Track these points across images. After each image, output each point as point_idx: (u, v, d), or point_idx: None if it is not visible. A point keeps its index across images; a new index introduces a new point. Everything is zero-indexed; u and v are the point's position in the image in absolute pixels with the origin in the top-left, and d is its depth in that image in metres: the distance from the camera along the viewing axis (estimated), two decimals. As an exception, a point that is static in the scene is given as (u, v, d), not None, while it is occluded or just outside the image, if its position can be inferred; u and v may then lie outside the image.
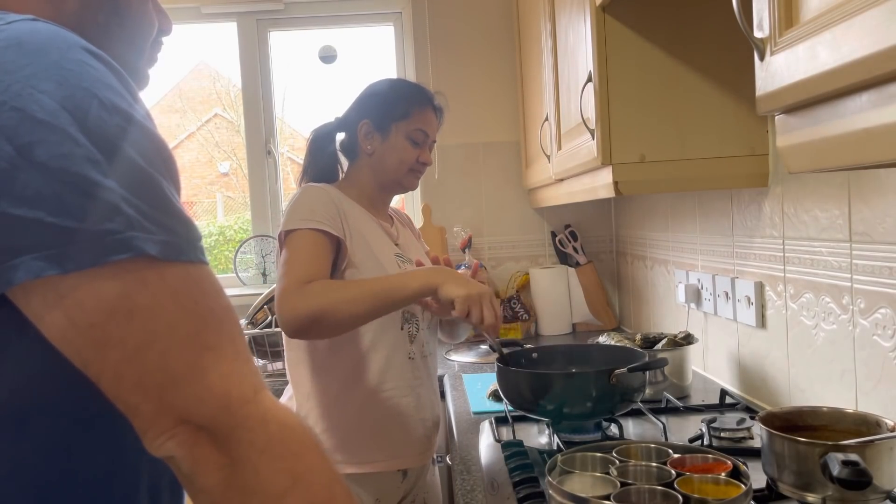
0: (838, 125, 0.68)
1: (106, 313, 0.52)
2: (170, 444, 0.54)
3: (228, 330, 0.57)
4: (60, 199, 0.50)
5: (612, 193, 1.50)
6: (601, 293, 2.66)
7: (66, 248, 0.50)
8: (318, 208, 1.40)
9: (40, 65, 0.52)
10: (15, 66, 0.52)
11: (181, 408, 0.54)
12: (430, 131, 1.55)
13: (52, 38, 0.55)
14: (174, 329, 0.53)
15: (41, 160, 0.50)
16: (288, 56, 2.89)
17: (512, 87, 2.67)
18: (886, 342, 1.13)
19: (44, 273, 0.50)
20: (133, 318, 0.52)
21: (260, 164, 2.83)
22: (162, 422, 0.54)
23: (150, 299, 0.53)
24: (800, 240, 1.37)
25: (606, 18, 1.48)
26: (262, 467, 0.55)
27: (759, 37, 0.78)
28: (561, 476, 0.98)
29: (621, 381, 1.27)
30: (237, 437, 0.54)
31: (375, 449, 1.44)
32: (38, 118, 0.51)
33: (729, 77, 1.48)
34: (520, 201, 2.74)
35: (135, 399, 0.54)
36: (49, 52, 0.53)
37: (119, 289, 0.52)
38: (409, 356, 1.48)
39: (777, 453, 0.97)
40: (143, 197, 0.53)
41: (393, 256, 1.49)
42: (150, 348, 0.53)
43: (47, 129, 0.51)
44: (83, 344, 0.52)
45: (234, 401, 0.55)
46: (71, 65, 0.53)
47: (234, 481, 0.54)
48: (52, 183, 0.50)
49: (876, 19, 0.59)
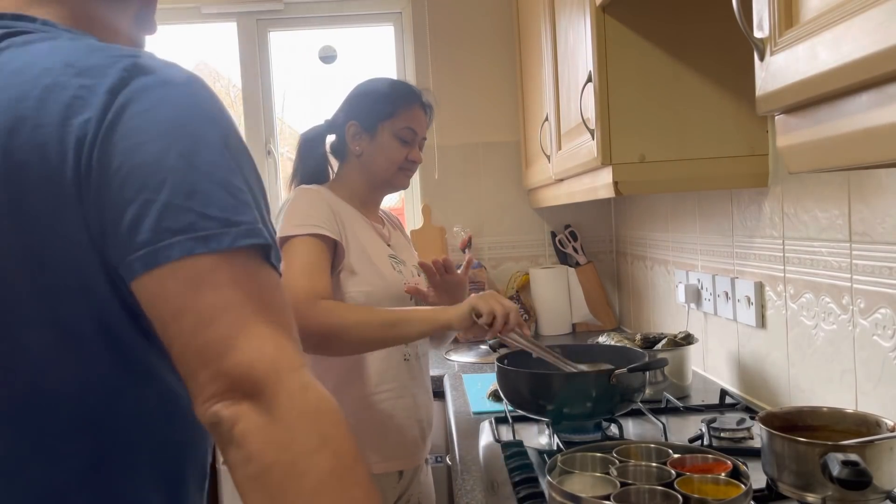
0: (838, 125, 0.68)
1: (211, 284, 0.62)
2: (218, 406, 0.61)
3: (287, 316, 0.66)
4: (212, 195, 0.63)
5: (612, 193, 1.50)
6: (601, 293, 2.66)
7: (214, 232, 0.62)
8: (315, 212, 1.40)
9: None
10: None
11: (235, 373, 0.61)
12: (419, 129, 1.53)
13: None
14: (246, 303, 0.63)
15: (198, 166, 0.63)
16: (288, 56, 2.89)
17: (512, 87, 2.67)
18: (886, 342, 1.13)
19: (195, 251, 0.61)
20: (220, 289, 0.62)
21: (260, 164, 2.82)
22: (216, 385, 0.61)
23: (240, 278, 0.63)
24: (800, 240, 1.37)
25: (606, 18, 1.48)
26: (297, 427, 0.61)
27: (759, 37, 0.78)
28: (561, 476, 0.98)
29: (621, 381, 1.27)
30: (279, 401, 0.61)
31: (372, 450, 1.44)
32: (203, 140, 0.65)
33: (729, 77, 1.48)
34: (520, 201, 2.74)
35: (198, 363, 0.61)
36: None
37: (239, 268, 0.63)
38: (405, 357, 1.48)
39: (777, 453, 0.97)
40: (262, 203, 0.67)
41: (387, 258, 1.49)
42: (223, 317, 0.61)
43: (205, 146, 0.65)
44: (171, 310, 0.62)
45: (282, 368, 0.62)
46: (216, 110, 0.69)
47: (271, 438, 0.60)
48: (206, 183, 0.63)
49: (876, 19, 0.59)
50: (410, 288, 1.48)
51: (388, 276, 1.46)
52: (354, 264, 1.43)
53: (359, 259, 1.43)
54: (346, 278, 1.42)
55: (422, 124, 1.55)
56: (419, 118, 1.54)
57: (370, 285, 1.43)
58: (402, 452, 1.47)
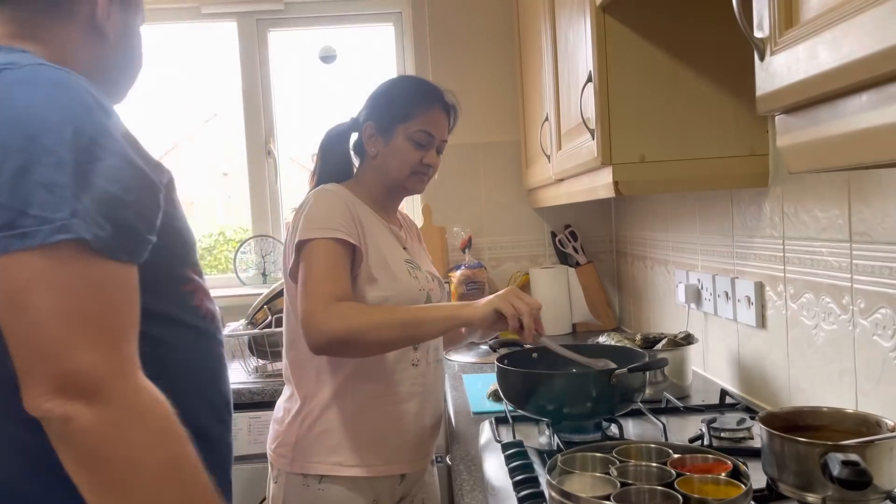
0: (838, 125, 0.68)
1: (33, 283, 0.65)
2: (51, 403, 0.65)
3: (128, 323, 0.71)
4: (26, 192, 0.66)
5: (612, 193, 1.50)
6: (601, 293, 2.66)
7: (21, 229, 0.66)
8: (335, 215, 1.38)
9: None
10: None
11: (68, 375, 0.65)
12: (437, 132, 1.50)
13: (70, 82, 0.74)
14: (76, 303, 0.67)
15: (25, 165, 0.67)
16: (288, 56, 2.89)
17: (512, 87, 2.67)
18: (886, 342, 1.13)
19: (11, 248, 0.65)
20: (52, 291, 0.66)
21: (260, 164, 2.82)
22: (50, 383, 0.65)
23: (65, 274, 0.66)
24: (800, 240, 1.37)
25: (606, 18, 1.48)
26: (132, 424, 0.67)
27: (759, 37, 0.78)
28: (561, 476, 0.98)
29: (621, 381, 1.27)
30: (114, 401, 0.66)
31: (372, 454, 1.43)
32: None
33: (729, 77, 1.48)
34: (520, 201, 2.74)
35: (33, 360, 0.66)
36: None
37: (51, 265, 0.66)
38: (413, 363, 1.47)
39: (777, 453, 0.97)
40: (97, 199, 0.69)
41: (403, 263, 1.48)
42: (53, 318, 0.65)
43: (38, 145, 0.68)
44: (5, 308, 0.66)
45: (115, 371, 0.67)
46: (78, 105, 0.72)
47: (108, 434, 0.66)
48: (29, 182, 0.67)
49: (876, 19, 0.59)
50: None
51: (404, 280, 1.44)
52: (373, 269, 1.41)
53: (377, 264, 1.42)
54: (363, 283, 1.41)
55: (440, 127, 1.50)
56: (437, 121, 1.50)
57: (388, 290, 1.41)
58: (402, 456, 1.46)
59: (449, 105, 1.53)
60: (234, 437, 0.90)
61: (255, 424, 2.12)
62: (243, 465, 2.09)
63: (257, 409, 2.13)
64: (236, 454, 0.97)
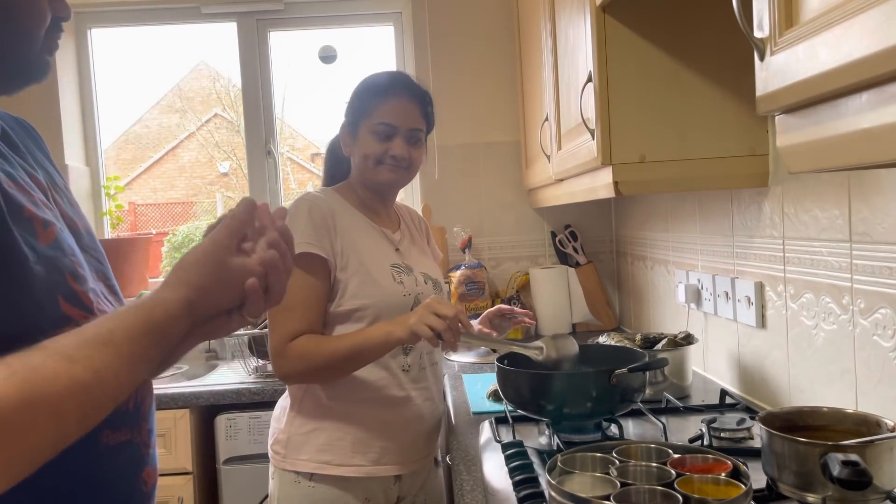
0: (838, 125, 0.68)
1: None
2: None
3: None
4: None
5: (612, 193, 1.50)
6: (601, 293, 2.66)
7: None
8: (305, 226, 1.39)
9: None
10: None
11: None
12: (400, 122, 1.46)
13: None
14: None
15: None
16: (288, 56, 2.90)
17: (512, 87, 2.67)
18: (886, 342, 1.13)
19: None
20: None
21: (260, 164, 2.83)
22: None
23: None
24: (800, 240, 1.37)
25: (606, 18, 1.48)
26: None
27: (759, 37, 0.78)
28: (561, 476, 0.98)
29: (621, 381, 1.27)
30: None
31: (359, 454, 1.45)
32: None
33: (729, 77, 1.48)
34: (520, 201, 2.74)
35: None
36: None
37: None
38: (404, 368, 1.48)
39: (777, 453, 0.97)
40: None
41: (388, 268, 1.48)
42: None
43: None
44: None
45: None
46: None
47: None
48: None
49: (876, 19, 0.59)
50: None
51: (386, 286, 1.45)
52: (349, 279, 1.43)
53: (355, 272, 1.43)
54: (340, 292, 1.43)
55: (404, 116, 1.47)
56: (398, 110, 1.46)
57: (366, 298, 1.43)
58: (393, 458, 1.47)
59: (417, 93, 1.50)
60: (234, 437, 0.89)
61: (255, 424, 2.13)
62: (243, 464, 2.09)
63: (257, 409, 2.14)
64: (237, 454, 0.95)
